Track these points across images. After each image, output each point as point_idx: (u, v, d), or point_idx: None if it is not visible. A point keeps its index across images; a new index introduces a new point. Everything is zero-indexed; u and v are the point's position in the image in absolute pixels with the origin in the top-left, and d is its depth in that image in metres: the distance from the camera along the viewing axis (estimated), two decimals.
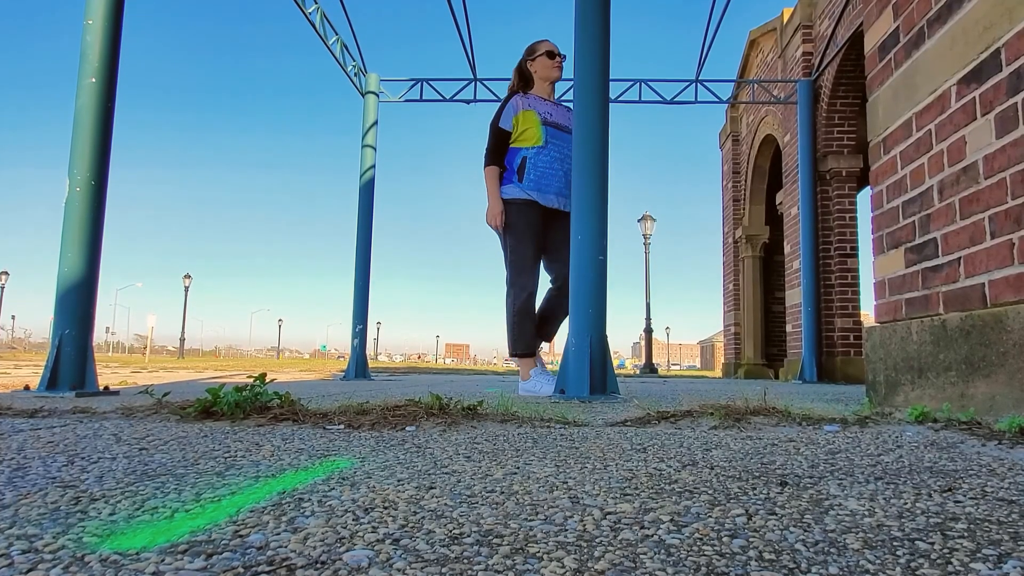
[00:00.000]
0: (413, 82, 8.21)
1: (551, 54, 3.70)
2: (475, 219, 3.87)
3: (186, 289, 34.58)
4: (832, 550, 0.68)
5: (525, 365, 3.60)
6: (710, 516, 0.81)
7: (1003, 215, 1.89)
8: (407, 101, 8.21)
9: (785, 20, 9.14)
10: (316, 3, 6.75)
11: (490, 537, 0.71)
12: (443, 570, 0.61)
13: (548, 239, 3.58)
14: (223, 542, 0.68)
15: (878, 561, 0.65)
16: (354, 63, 7.63)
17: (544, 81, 3.71)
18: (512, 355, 3.60)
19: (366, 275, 7.19)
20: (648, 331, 16.47)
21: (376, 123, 7.54)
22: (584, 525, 0.77)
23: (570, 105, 3.74)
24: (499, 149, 3.59)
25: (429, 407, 1.95)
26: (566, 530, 0.75)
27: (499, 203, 3.52)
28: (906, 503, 0.90)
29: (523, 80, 3.77)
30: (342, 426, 1.71)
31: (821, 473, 1.12)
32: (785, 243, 9.11)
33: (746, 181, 11.02)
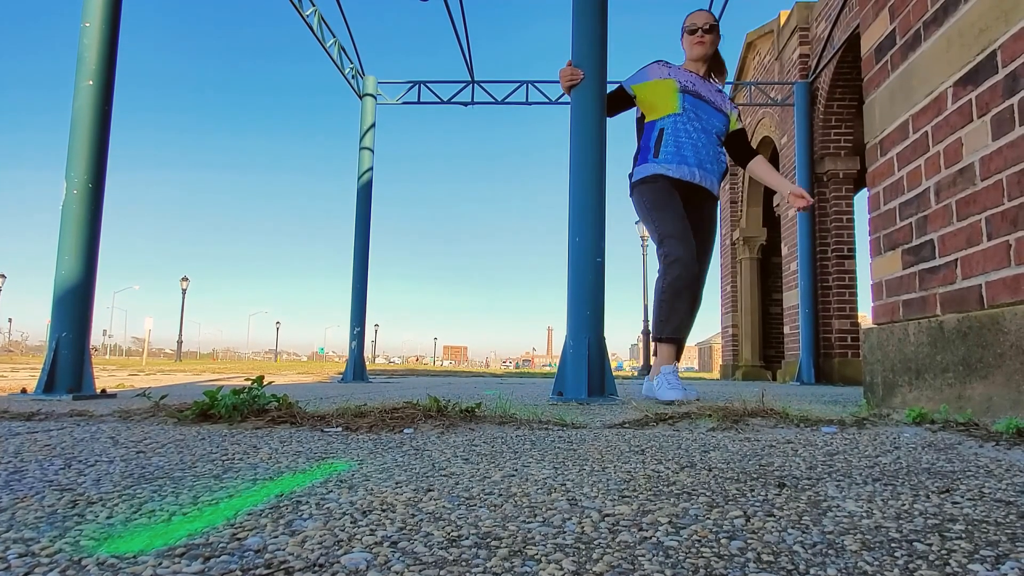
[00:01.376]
0: (411, 84, 8.21)
1: (691, 30, 3.32)
2: (474, 220, 3.81)
3: (183, 292, 34.53)
4: (830, 552, 0.68)
5: (664, 356, 3.13)
6: (708, 518, 0.81)
7: (1000, 216, 1.89)
8: (405, 103, 8.22)
9: (782, 22, 9.16)
10: (314, 6, 6.75)
11: (488, 539, 0.71)
12: (441, 572, 0.61)
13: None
14: (220, 545, 0.68)
15: (876, 562, 0.65)
16: (352, 65, 7.63)
17: (691, 60, 3.36)
18: (656, 339, 3.18)
19: (364, 277, 7.18)
20: (646, 333, 16.48)
21: (374, 125, 7.54)
22: (582, 527, 0.77)
23: (722, 89, 3.42)
24: (610, 102, 3.24)
25: (427, 409, 1.95)
26: (564, 532, 0.75)
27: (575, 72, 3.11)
28: (904, 504, 0.90)
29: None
30: (340, 428, 1.71)
31: (819, 475, 1.12)
32: (783, 245, 9.12)
33: (743, 183, 11.04)
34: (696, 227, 3.16)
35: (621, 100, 3.34)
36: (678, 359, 3.20)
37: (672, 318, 3.06)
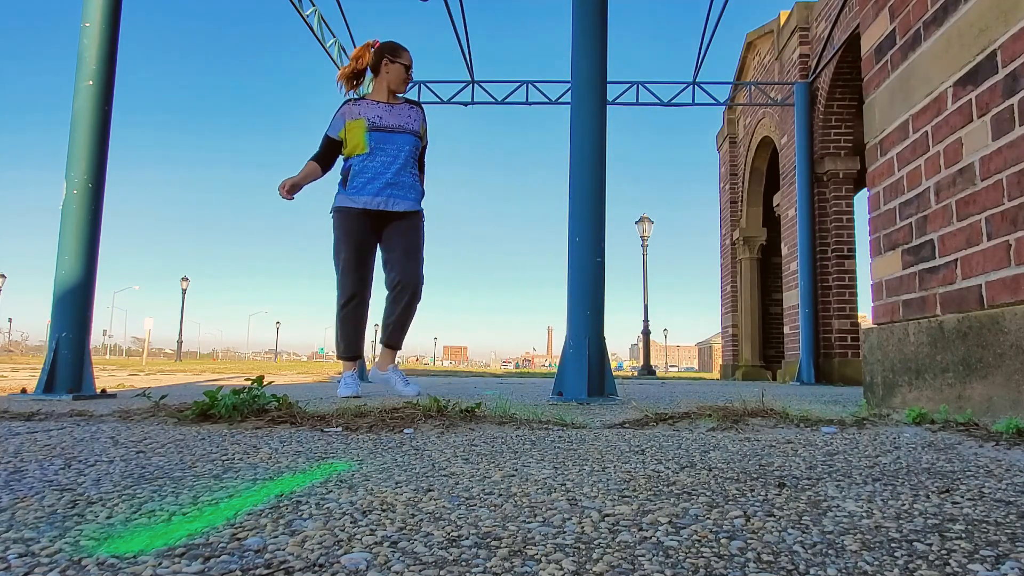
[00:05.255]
0: (410, 84, 8.21)
1: (407, 68, 3.69)
2: (473, 221, 3.79)
3: (183, 292, 34.52)
4: (830, 551, 0.68)
5: (344, 366, 3.61)
6: (708, 518, 0.81)
7: (999, 217, 1.89)
8: None
9: (782, 23, 9.16)
10: (314, 6, 6.75)
11: (488, 539, 0.71)
12: (441, 572, 0.61)
13: (384, 243, 3.55)
14: (220, 545, 0.68)
15: (876, 562, 0.65)
16: None
17: (389, 86, 3.66)
18: (339, 357, 3.64)
19: None
20: (646, 333, 16.48)
21: None
22: (582, 527, 0.77)
23: (409, 98, 3.69)
24: (326, 154, 3.61)
25: (427, 409, 1.95)
26: (564, 532, 0.75)
27: (294, 179, 3.57)
28: (904, 504, 0.90)
29: (357, 75, 3.70)
30: (340, 429, 1.71)
31: (819, 475, 1.12)
32: (782, 245, 9.12)
33: (743, 183, 11.04)
34: (391, 242, 3.55)
35: (334, 149, 3.63)
36: (387, 361, 3.67)
37: (341, 342, 3.56)
